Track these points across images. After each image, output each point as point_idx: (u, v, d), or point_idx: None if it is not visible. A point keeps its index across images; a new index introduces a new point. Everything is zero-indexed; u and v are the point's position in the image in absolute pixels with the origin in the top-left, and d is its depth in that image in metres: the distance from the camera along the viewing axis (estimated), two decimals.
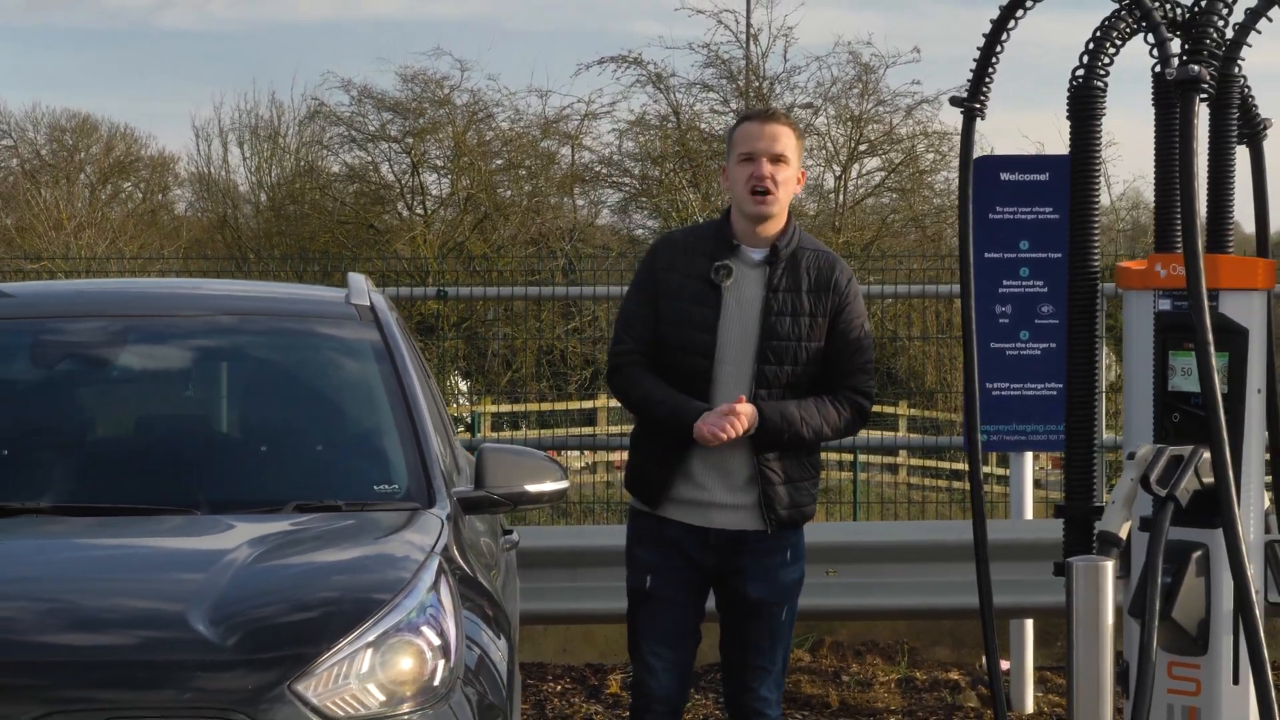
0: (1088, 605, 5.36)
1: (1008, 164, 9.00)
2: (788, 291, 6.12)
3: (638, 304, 6.18)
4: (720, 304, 6.09)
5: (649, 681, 6.17)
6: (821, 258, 6.22)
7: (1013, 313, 8.91)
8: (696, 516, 6.10)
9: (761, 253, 6.16)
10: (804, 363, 6.11)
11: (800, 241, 6.21)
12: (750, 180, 6.11)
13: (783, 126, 6.21)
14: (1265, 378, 5.53)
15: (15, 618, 4.55)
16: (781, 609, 6.21)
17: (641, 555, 6.17)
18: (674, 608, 6.17)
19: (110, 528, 5.17)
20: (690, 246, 6.20)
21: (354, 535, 5.17)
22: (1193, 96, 5.15)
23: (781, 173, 6.14)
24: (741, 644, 6.23)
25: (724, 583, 6.19)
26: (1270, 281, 5.56)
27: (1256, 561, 5.56)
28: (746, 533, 6.12)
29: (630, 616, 6.23)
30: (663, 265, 6.18)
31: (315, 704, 4.39)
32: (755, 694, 6.21)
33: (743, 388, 6.06)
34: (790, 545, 6.19)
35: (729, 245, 6.14)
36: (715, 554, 6.12)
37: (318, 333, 6.06)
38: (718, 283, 6.09)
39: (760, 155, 6.13)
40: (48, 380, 5.86)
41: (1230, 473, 5.16)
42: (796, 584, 6.26)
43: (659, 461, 6.11)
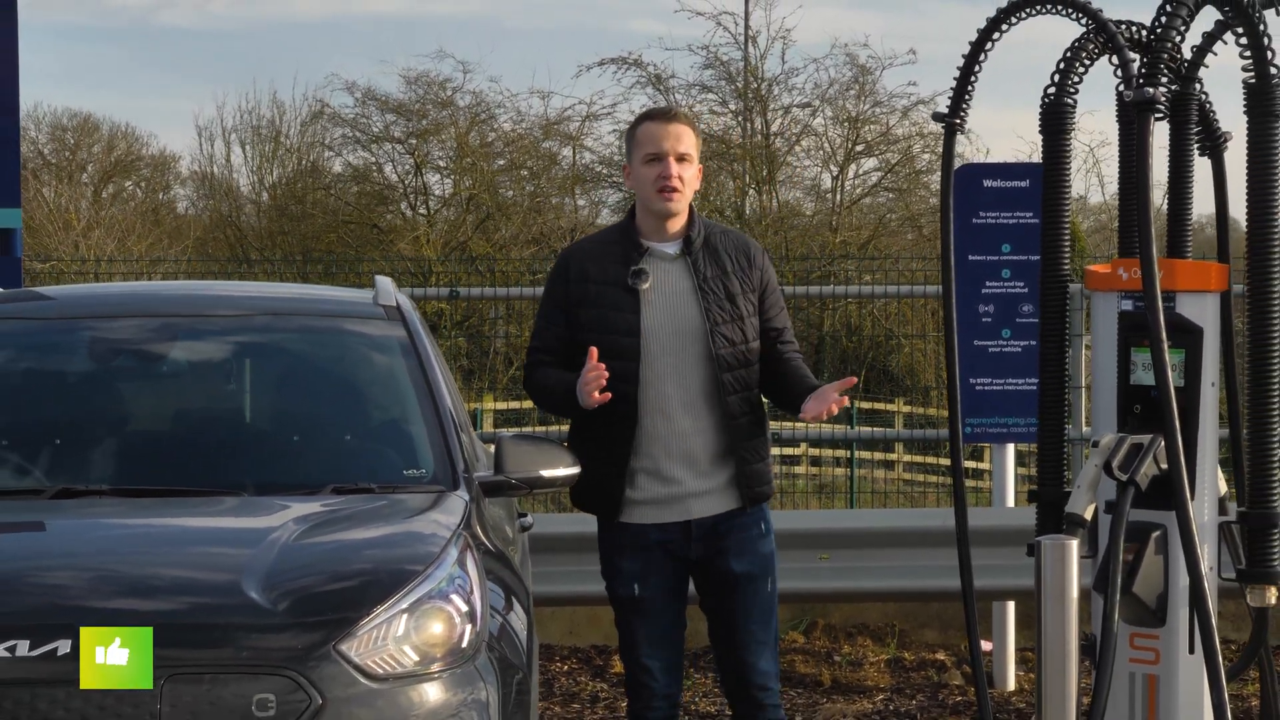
0: (1055, 580, 5.67)
1: (990, 171, 9.51)
2: (716, 277, 6.24)
3: (548, 319, 6.27)
4: (639, 306, 6.18)
5: (647, 682, 6.29)
6: (732, 237, 6.37)
7: (995, 312, 9.39)
8: (675, 513, 6.21)
9: (674, 246, 6.26)
10: (752, 338, 6.25)
11: (708, 227, 6.33)
12: (658, 180, 6.19)
13: (684, 126, 6.29)
14: (1219, 373, 5.97)
15: (88, 586, 5.05)
16: (766, 581, 6.33)
17: (624, 565, 6.27)
18: (663, 609, 6.29)
19: (166, 508, 5.67)
20: (600, 253, 6.28)
21: (387, 514, 5.65)
22: (1148, 116, 5.51)
23: (686, 170, 6.22)
24: (734, 623, 6.33)
25: (707, 566, 6.29)
26: (1223, 284, 5.92)
27: (1211, 541, 5.89)
28: (722, 515, 6.24)
29: (621, 623, 6.34)
30: (575, 276, 6.24)
31: (357, 662, 4.86)
32: (756, 669, 6.32)
33: (699, 375, 6.17)
34: (762, 519, 6.34)
35: (639, 247, 6.24)
36: (699, 543, 6.24)
37: (349, 330, 6.53)
38: (635, 287, 6.18)
39: (666, 154, 6.20)
40: (104, 374, 6.35)
41: (1182, 460, 5.51)
42: (773, 555, 6.38)
43: (605, 470, 6.18)
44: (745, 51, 32.74)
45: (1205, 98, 6.13)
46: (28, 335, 6.46)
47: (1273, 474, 5.86)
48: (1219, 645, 5.64)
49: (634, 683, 6.33)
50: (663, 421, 6.16)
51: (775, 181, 32.70)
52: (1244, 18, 5.72)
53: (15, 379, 6.29)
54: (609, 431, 6.15)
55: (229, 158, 38.41)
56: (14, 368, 6.32)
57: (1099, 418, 6.02)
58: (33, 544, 5.46)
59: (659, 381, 6.16)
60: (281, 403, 6.38)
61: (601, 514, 6.27)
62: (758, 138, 32.80)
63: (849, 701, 9.10)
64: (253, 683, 4.75)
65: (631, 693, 6.35)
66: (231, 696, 4.73)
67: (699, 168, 6.34)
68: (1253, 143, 5.81)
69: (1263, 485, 5.86)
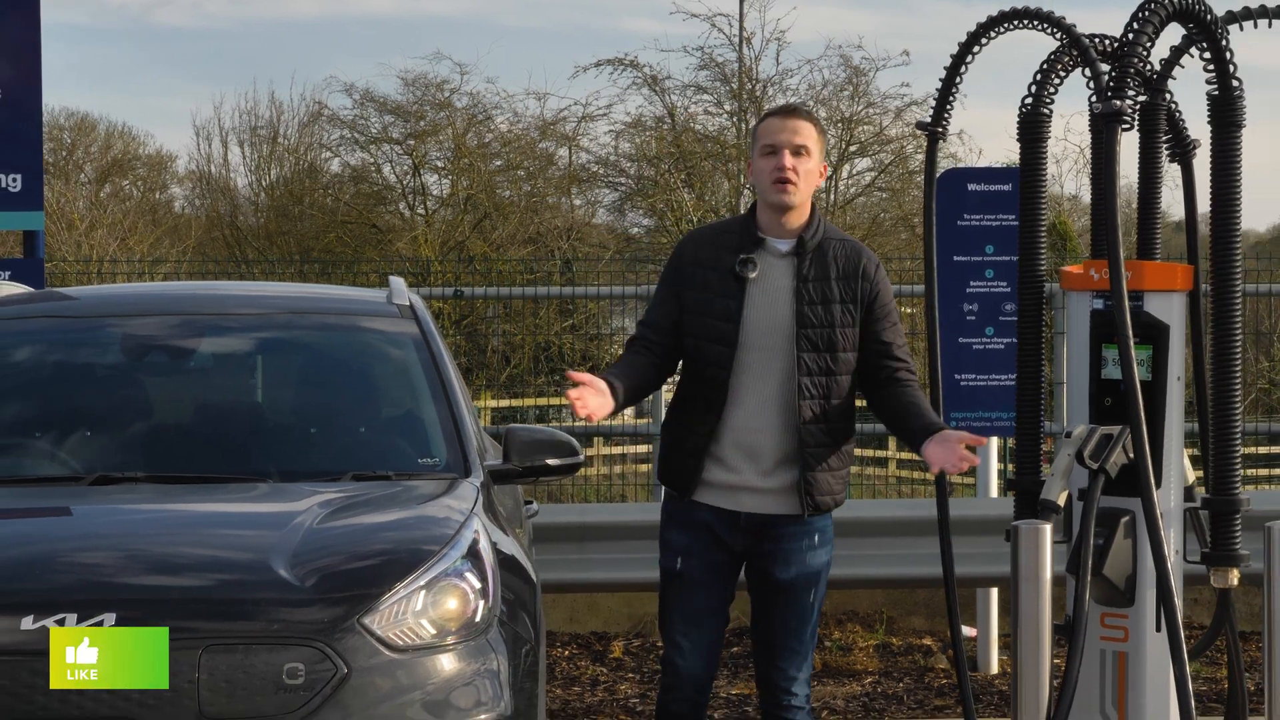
0: (1028, 562, 6.00)
1: (974, 175, 9.86)
2: (817, 280, 6.24)
3: (660, 296, 6.34)
4: (744, 295, 6.21)
5: (677, 660, 6.33)
6: (848, 246, 6.34)
7: (979, 311, 9.74)
8: (726, 500, 6.23)
9: (788, 244, 6.27)
10: (840, 348, 6.25)
11: (826, 232, 6.32)
12: (773, 172, 6.22)
13: (804, 121, 6.31)
14: (1183, 367, 6.30)
15: (127, 564, 5.43)
16: (809, 592, 6.35)
17: (673, 538, 6.32)
18: (703, 589, 6.30)
19: (198, 494, 6.06)
20: (716, 240, 6.33)
21: (403, 500, 6.01)
22: (1115, 127, 5.82)
23: (803, 164, 6.24)
24: (770, 624, 6.37)
25: (753, 565, 6.32)
26: (1189, 284, 6.24)
27: (1177, 526, 6.19)
28: (775, 517, 6.25)
29: (662, 597, 6.39)
30: (688, 260, 6.30)
31: (379, 635, 5.22)
32: (784, 673, 6.37)
33: (778, 375, 6.19)
34: (819, 530, 6.33)
35: (754, 238, 6.27)
36: (745, 536, 6.26)
37: (366, 328, 6.90)
38: (742, 275, 6.21)
39: (782, 147, 6.22)
40: (136, 369, 6.73)
41: (1147, 449, 5.82)
42: (824, 567, 6.39)
43: (689, 450, 6.25)
44: (740, 53, 32.76)
45: (1175, 107, 6.45)
46: (62, 333, 6.85)
47: (1235, 463, 6.19)
48: (1182, 626, 5.96)
49: (666, 660, 6.39)
50: (740, 412, 6.21)
51: None
52: (1208, 34, 6.05)
53: (53, 374, 6.67)
54: (699, 412, 6.25)
55: (226, 157, 38.62)
56: (52, 363, 6.71)
57: (1073, 410, 6.30)
58: (75, 526, 5.84)
59: (743, 372, 6.20)
60: (303, 395, 6.77)
61: (677, 489, 6.30)
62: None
63: (839, 684, 9.47)
64: (283, 653, 5.11)
65: (664, 671, 6.42)
66: (264, 665, 5.09)
67: (823, 166, 6.35)
68: (1216, 151, 6.15)
69: (1225, 474, 6.18)
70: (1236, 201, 6.15)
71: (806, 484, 6.21)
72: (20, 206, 9.70)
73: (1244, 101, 6.17)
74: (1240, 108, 6.14)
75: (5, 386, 6.60)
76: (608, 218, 34.72)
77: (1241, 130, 6.17)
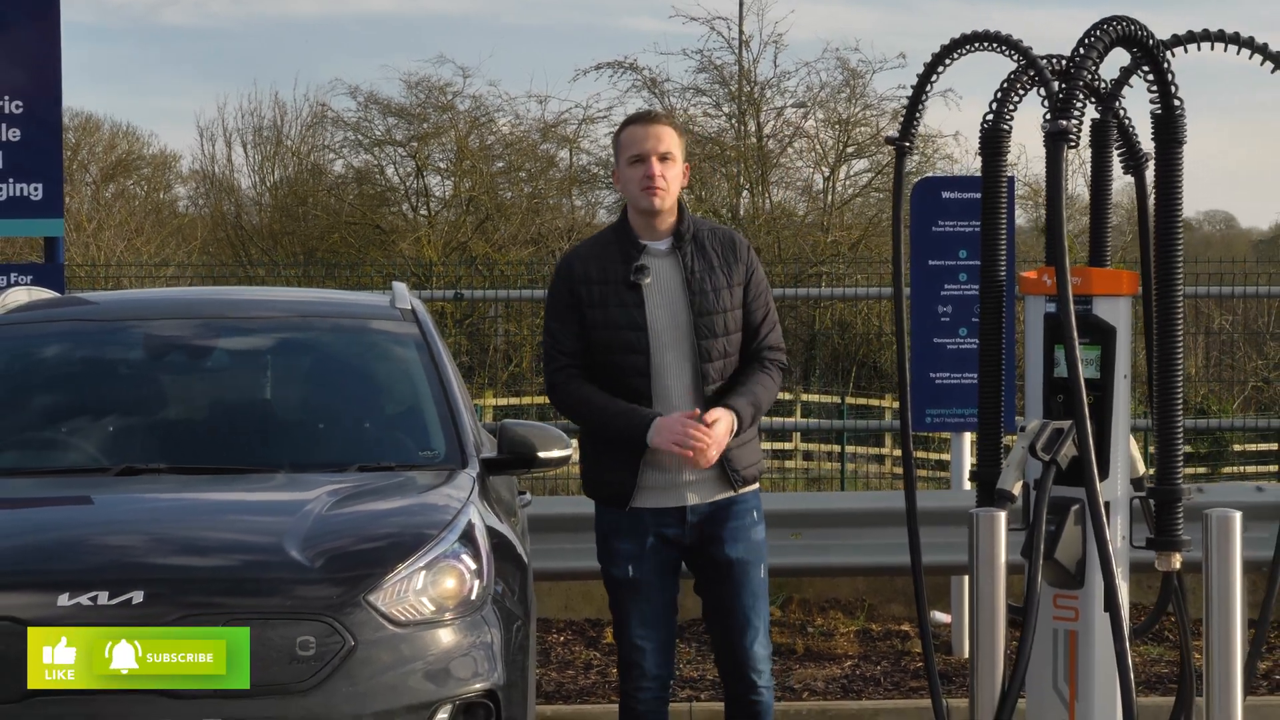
0: (985, 546, 6.33)
1: (948, 184, 10.30)
2: (703, 270, 6.46)
3: (561, 321, 6.51)
4: (643, 300, 6.43)
5: (639, 661, 6.54)
6: (721, 233, 6.59)
7: (953, 312, 10.18)
8: (671, 499, 6.46)
9: (666, 242, 6.50)
10: (734, 330, 6.49)
11: (696, 224, 6.55)
12: (642, 180, 6.44)
13: (665, 127, 6.53)
14: (1130, 366, 6.66)
15: (154, 546, 5.92)
16: (759, 567, 6.58)
17: (620, 546, 6.53)
18: (656, 590, 6.53)
19: (216, 483, 6.55)
20: (600, 255, 6.52)
21: (405, 488, 6.49)
22: (1061, 145, 6.14)
23: (669, 169, 6.46)
24: (727, 607, 6.56)
25: (701, 552, 6.54)
26: (1134, 289, 6.55)
27: (1124, 514, 6.50)
28: (716, 501, 6.51)
29: (615, 603, 6.60)
30: (578, 279, 6.47)
31: (383, 611, 5.70)
32: (748, 652, 6.56)
33: (688, 366, 6.42)
34: (754, 507, 6.60)
35: (636, 245, 6.48)
36: (694, 529, 6.50)
37: (371, 329, 7.41)
38: (637, 282, 6.43)
39: (649, 155, 6.44)
40: (159, 368, 7.23)
41: (1090, 442, 6.12)
42: (764, 543, 6.65)
43: (621, 465, 6.45)
44: (739, 55, 33.19)
45: (1129, 123, 6.77)
46: (90, 335, 7.35)
47: (1177, 455, 6.47)
48: (1127, 607, 6.30)
49: (626, 661, 6.59)
50: (664, 412, 6.41)
51: (768, 183, 33.20)
52: (1150, 58, 6.39)
53: (81, 372, 7.18)
54: None
55: (230, 158, 38.91)
56: (80, 363, 7.22)
57: (1031, 406, 6.61)
58: (104, 512, 6.32)
59: (662, 373, 6.43)
60: (313, 393, 7.27)
61: (615, 503, 6.52)
62: (751, 140, 33.24)
63: (820, 667, 9.93)
64: (296, 626, 5.59)
65: (623, 672, 6.63)
66: (279, 638, 5.57)
67: (685, 166, 6.56)
68: (1160, 165, 6.47)
69: (1169, 465, 6.46)
70: (1178, 212, 6.45)
71: (729, 461, 6.44)
72: (41, 214, 10.10)
73: (1185, 119, 6.47)
74: (1181, 125, 6.46)
75: (37, 384, 7.11)
76: (608, 218, 34.63)
77: (1183, 146, 6.47)
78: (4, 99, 10.08)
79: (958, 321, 10.18)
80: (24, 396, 7.04)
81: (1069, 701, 6.50)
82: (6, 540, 5.94)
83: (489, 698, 5.81)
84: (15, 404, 7.01)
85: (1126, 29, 6.34)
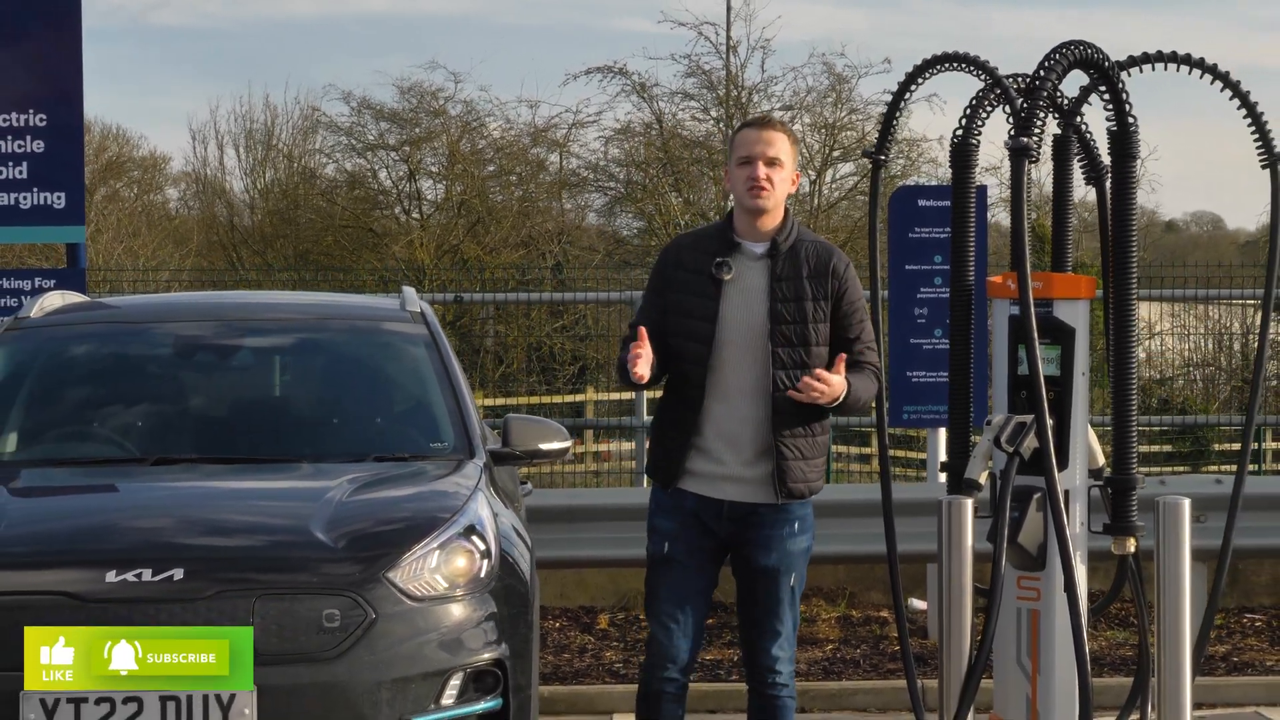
0: (952, 531, 6.75)
1: (924, 193, 10.77)
2: (790, 279, 6.56)
3: (647, 300, 6.71)
4: (720, 295, 6.55)
5: (663, 640, 6.61)
6: (819, 247, 6.67)
7: (928, 314, 10.62)
8: (710, 488, 6.56)
9: (763, 247, 6.60)
10: (813, 343, 6.56)
11: (799, 235, 6.65)
12: (748, 180, 6.57)
13: (777, 132, 6.65)
14: (1088, 364, 6.86)
15: (192, 528, 6.43)
16: (790, 576, 6.63)
17: (660, 524, 6.63)
18: (690, 572, 6.61)
19: (244, 472, 7.07)
20: (696, 245, 6.67)
21: (418, 477, 7.00)
22: (1022, 161, 6.52)
23: (777, 173, 6.58)
24: (753, 607, 6.65)
25: (737, 552, 6.62)
26: (1091, 293, 6.89)
27: (1083, 501, 6.82)
28: (757, 505, 6.56)
29: (649, 580, 6.70)
30: (671, 263, 6.66)
31: (401, 587, 6.20)
32: (768, 654, 6.65)
33: (756, 369, 6.52)
34: (799, 517, 6.63)
35: (731, 243, 6.61)
36: (728, 524, 6.57)
37: (384, 330, 7.94)
38: (718, 277, 6.55)
39: (757, 158, 6.57)
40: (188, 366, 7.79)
41: (1049, 434, 6.46)
42: (804, 553, 6.68)
43: (671, 444, 6.60)
44: (726, 61, 33.16)
45: (1091, 138, 7.11)
46: (123, 335, 7.89)
47: (1131, 447, 6.83)
48: (1085, 588, 6.68)
49: (651, 639, 6.69)
50: (721, 405, 6.54)
51: None
52: (1106, 79, 6.76)
53: (116, 370, 7.72)
54: (681, 409, 6.60)
55: (222, 161, 38.95)
56: (115, 361, 7.76)
57: (998, 401, 6.93)
58: (144, 497, 6.84)
59: (724, 368, 6.53)
60: (332, 388, 7.83)
61: (662, 480, 6.63)
62: None
63: (802, 650, 10.37)
64: (322, 601, 6.09)
65: (648, 649, 6.72)
66: (306, 611, 6.07)
67: (795, 174, 6.71)
68: (1115, 177, 6.84)
69: (1123, 456, 6.82)
70: (1132, 221, 6.80)
71: (780, 472, 6.51)
72: (64, 221, 10.59)
73: (1138, 135, 6.82)
74: (1135, 140, 6.81)
75: (77, 380, 7.64)
76: (598, 221, 34.90)
77: (1136, 160, 6.83)
78: (28, 112, 10.55)
79: (933, 323, 10.61)
80: (66, 392, 7.58)
81: (1031, 675, 6.82)
82: (58, 522, 6.49)
83: (497, 666, 6.32)
84: (58, 399, 7.54)
85: (1084, 53, 6.68)
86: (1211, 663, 10.26)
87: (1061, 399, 6.83)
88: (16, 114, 10.55)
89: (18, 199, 10.55)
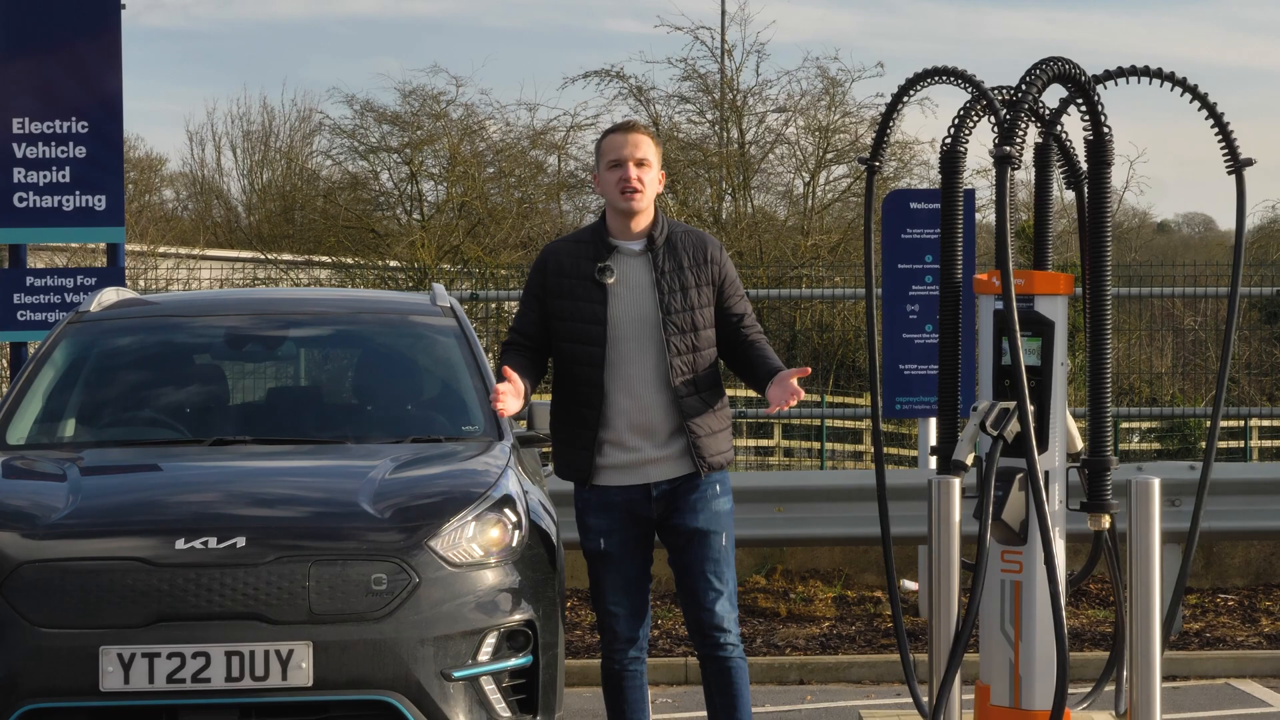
0: (940, 509, 7.15)
1: (916, 196, 11.20)
2: (673, 271, 6.77)
3: (526, 307, 6.93)
4: (607, 297, 6.76)
5: (613, 625, 6.96)
6: (694, 236, 6.88)
7: (919, 311, 11.08)
8: (634, 476, 6.83)
9: (639, 244, 6.80)
10: (701, 327, 6.80)
11: (670, 227, 6.84)
12: (620, 182, 6.76)
13: (642, 135, 6.82)
14: (1066, 355, 7.28)
15: (252, 501, 6.99)
16: (721, 535, 6.87)
17: (592, 522, 6.93)
18: (627, 562, 6.92)
19: (295, 452, 7.66)
20: (574, 251, 6.85)
21: (453, 456, 7.55)
22: (1005, 168, 6.94)
23: (646, 173, 6.77)
24: (691, 573, 6.89)
25: (667, 523, 6.86)
26: (1070, 289, 7.25)
27: (1062, 481, 7.13)
28: (680, 478, 6.84)
29: (591, 573, 7.02)
30: (551, 270, 6.84)
31: (441, 554, 6.74)
32: (713, 612, 6.86)
33: (653, 359, 6.75)
34: (718, 481, 6.90)
35: (608, 245, 6.80)
36: (659, 503, 6.85)
37: (417, 323, 8.52)
38: (601, 281, 6.76)
39: (626, 160, 6.76)
40: (240, 356, 8.42)
41: (1030, 419, 6.87)
42: (729, 514, 6.92)
43: (581, 443, 6.84)
44: (722, 65, 33.62)
45: (1070, 146, 7.47)
46: (176, 327, 8.48)
47: (1106, 430, 7.22)
48: (1063, 561, 7.08)
49: (603, 626, 7.01)
50: (626, 399, 6.80)
51: (750, 187, 33.63)
52: (1083, 92, 7.19)
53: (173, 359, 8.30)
54: (580, 410, 6.87)
55: (219, 162, 39.12)
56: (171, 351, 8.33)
57: (983, 389, 7.31)
58: (205, 474, 7.40)
59: (622, 364, 6.77)
60: (371, 376, 8.44)
61: (576, 481, 6.94)
62: (733, 146, 33.61)
63: (800, 628, 10.91)
64: (370, 566, 6.64)
65: (602, 636, 7.06)
66: (356, 575, 6.62)
67: (661, 173, 6.87)
68: (1091, 183, 7.26)
69: (1099, 438, 7.22)
70: (1107, 224, 7.23)
71: (696, 449, 6.79)
72: (105, 223, 11.14)
73: (1113, 144, 7.26)
74: (1110, 149, 7.22)
75: (138, 369, 8.22)
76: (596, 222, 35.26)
77: (1111, 168, 7.25)
78: (71, 119, 11.10)
79: (924, 319, 11.07)
80: (126, 379, 8.16)
81: (1014, 641, 7.18)
82: (130, 495, 7.08)
83: (527, 626, 6.85)
84: (119, 386, 8.12)
85: (1062, 68, 7.12)
86: (1186, 638, 10.73)
87: (1042, 387, 7.20)
88: (60, 120, 11.07)
89: (61, 201, 11.07)
